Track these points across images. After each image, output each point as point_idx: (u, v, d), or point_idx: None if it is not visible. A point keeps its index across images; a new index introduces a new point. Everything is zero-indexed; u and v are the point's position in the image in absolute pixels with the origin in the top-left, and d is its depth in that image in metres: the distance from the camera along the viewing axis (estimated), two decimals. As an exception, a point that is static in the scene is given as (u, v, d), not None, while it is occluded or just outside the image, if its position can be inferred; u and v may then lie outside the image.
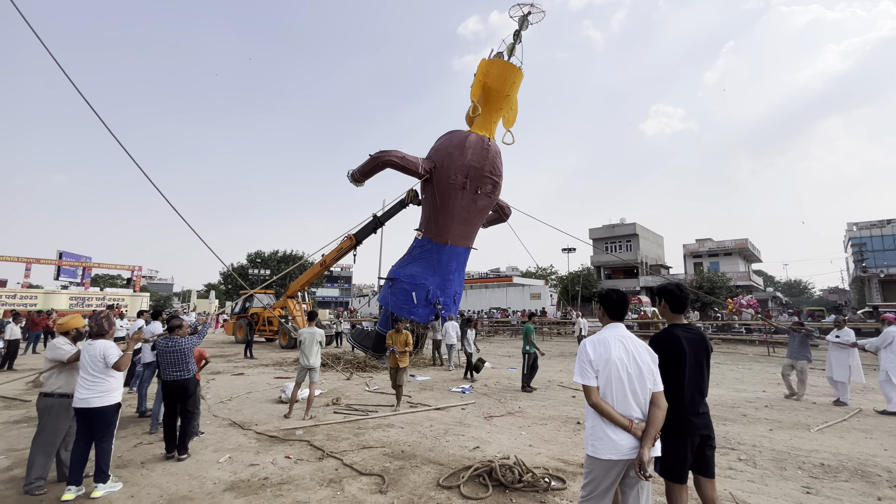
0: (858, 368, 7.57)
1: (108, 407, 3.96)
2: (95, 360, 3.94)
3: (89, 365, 3.93)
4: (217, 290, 55.50)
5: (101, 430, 3.95)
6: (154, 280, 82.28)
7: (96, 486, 3.86)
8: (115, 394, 4.02)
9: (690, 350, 2.69)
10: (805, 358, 8.05)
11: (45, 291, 30.98)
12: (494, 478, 4.01)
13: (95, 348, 3.98)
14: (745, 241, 43.95)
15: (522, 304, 39.55)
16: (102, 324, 4.10)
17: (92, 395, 3.88)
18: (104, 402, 3.92)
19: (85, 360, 3.96)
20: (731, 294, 34.10)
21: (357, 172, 14.02)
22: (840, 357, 7.67)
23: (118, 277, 53.26)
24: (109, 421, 3.98)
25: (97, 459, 3.91)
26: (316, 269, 16.93)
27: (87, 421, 3.92)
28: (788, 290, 69.93)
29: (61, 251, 33.83)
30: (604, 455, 2.35)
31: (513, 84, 13.02)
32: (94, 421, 3.92)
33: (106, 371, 3.96)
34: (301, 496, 3.82)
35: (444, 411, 7.06)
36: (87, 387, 3.89)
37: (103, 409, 3.92)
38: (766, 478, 4.28)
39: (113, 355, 4.00)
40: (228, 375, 10.62)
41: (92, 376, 3.91)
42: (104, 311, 4.35)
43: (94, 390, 3.90)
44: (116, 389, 4.05)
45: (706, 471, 2.71)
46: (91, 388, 3.89)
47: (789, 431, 5.91)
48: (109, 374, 3.98)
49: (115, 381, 4.04)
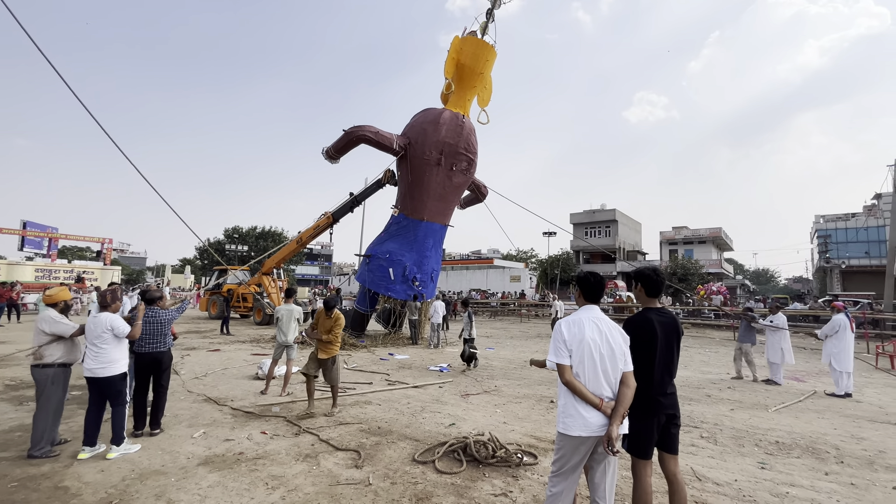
0: (789, 351, 8.29)
1: (115, 377, 4.19)
2: (101, 332, 4.15)
3: (95, 337, 4.14)
4: (193, 266, 54.17)
5: (113, 398, 4.19)
6: (126, 254, 79.56)
7: (111, 448, 4.11)
8: (119, 363, 4.23)
9: (662, 333, 2.77)
10: (750, 341, 8.75)
11: (8, 263, 29.57)
12: (469, 453, 4.11)
13: (101, 321, 4.17)
14: (719, 230, 45.32)
15: (503, 286, 40.01)
16: (107, 297, 4.34)
17: (97, 365, 4.11)
18: (110, 373, 4.15)
19: (91, 332, 4.16)
20: (702, 281, 35.30)
21: (332, 149, 13.81)
22: (773, 340, 8.35)
23: (87, 250, 51.29)
24: (118, 389, 4.22)
25: (113, 424, 4.16)
26: (292, 245, 16.75)
27: (96, 389, 4.17)
28: (756, 279, 72.78)
29: (25, 221, 32.27)
30: (574, 432, 2.42)
31: (486, 62, 13.10)
32: (102, 390, 4.16)
33: (111, 342, 4.17)
34: (276, 470, 3.84)
35: (421, 389, 7.16)
36: (93, 357, 4.12)
37: (109, 378, 4.15)
38: (725, 454, 4.52)
39: (121, 327, 4.23)
40: (204, 351, 10.48)
41: (98, 348, 4.13)
42: (112, 286, 4.70)
43: (100, 360, 4.12)
44: (121, 360, 4.26)
45: (670, 447, 2.83)
46: (96, 358, 4.12)
47: (749, 411, 6.23)
48: (113, 344, 4.19)
49: (118, 351, 4.25)
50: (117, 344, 4.22)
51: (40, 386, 4.20)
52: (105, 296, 4.35)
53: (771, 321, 8.55)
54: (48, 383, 4.18)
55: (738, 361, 8.81)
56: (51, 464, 3.91)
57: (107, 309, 4.30)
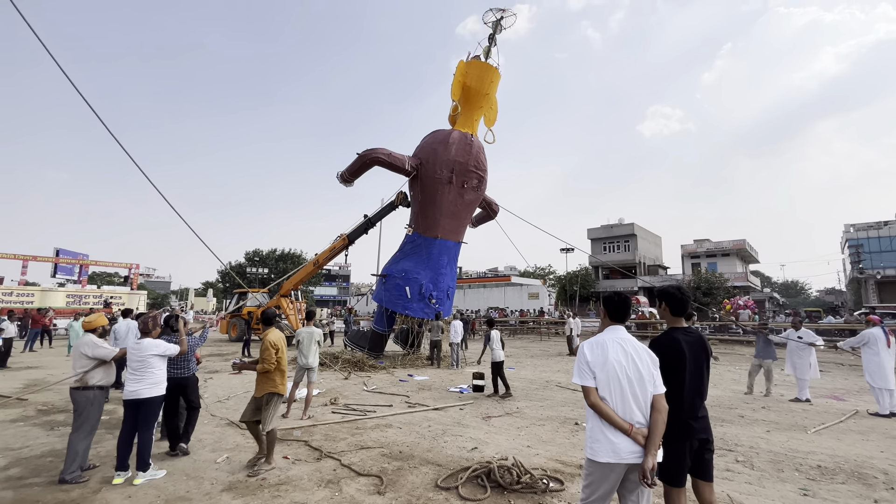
0: (815, 367, 8.13)
1: (155, 398, 4.38)
2: (143, 356, 4.35)
3: (138, 360, 4.34)
4: (215, 289, 55.34)
5: (144, 421, 4.29)
6: (151, 278, 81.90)
7: (138, 474, 4.17)
8: (160, 386, 4.43)
9: (690, 353, 2.69)
10: (771, 357, 8.62)
11: (42, 289, 30.78)
12: (493, 479, 4.01)
13: (145, 345, 4.40)
14: (743, 242, 44.08)
15: (520, 304, 39.55)
16: (148, 324, 4.55)
17: (141, 386, 4.29)
18: (152, 394, 4.33)
19: (134, 356, 4.36)
20: (728, 294, 34.22)
21: (346, 172, 14.24)
22: (803, 356, 8.18)
23: (115, 275, 52.95)
24: (154, 411, 4.39)
25: (139, 449, 4.23)
26: (309, 267, 17.03)
27: (133, 411, 4.29)
28: (785, 291, 70.21)
29: (58, 248, 33.63)
30: (602, 458, 2.34)
31: (491, 83, 13.68)
32: (138, 411, 4.28)
33: (155, 365, 4.39)
34: (299, 497, 3.81)
35: (442, 411, 7.06)
36: (136, 380, 4.31)
37: (150, 399, 4.33)
38: (763, 479, 4.30)
39: (170, 347, 4.53)
40: (226, 374, 10.59)
41: (141, 371, 4.33)
42: (152, 312, 4.93)
43: (144, 382, 4.31)
44: (162, 382, 4.46)
45: (704, 474, 2.71)
46: (140, 380, 4.31)
47: (786, 433, 5.93)
48: (157, 367, 4.41)
49: (161, 373, 4.47)
50: (160, 366, 4.45)
51: (79, 408, 4.37)
52: (147, 322, 4.58)
53: (800, 337, 8.34)
54: (88, 405, 4.38)
55: (752, 377, 8.76)
56: (80, 489, 3.97)
57: (148, 335, 4.52)
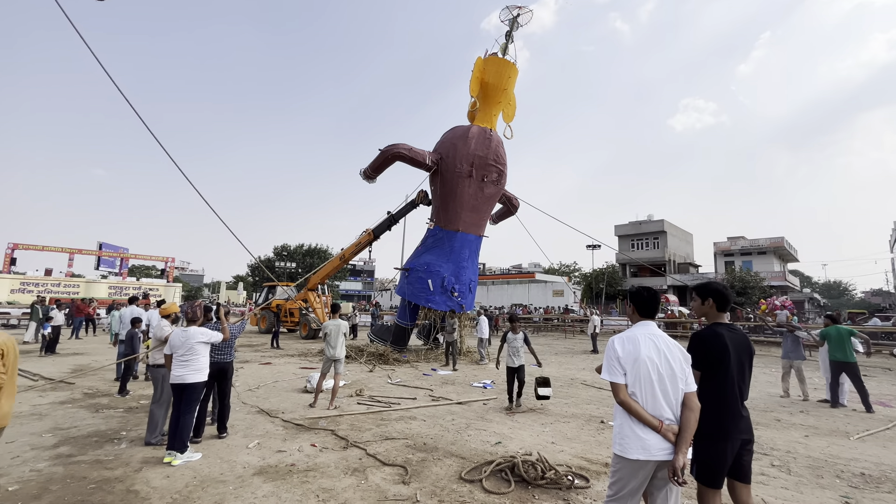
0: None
1: (198, 384, 4.60)
2: (189, 342, 4.59)
3: (185, 347, 4.58)
4: (245, 282, 57.13)
5: (186, 404, 4.51)
6: (186, 271, 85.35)
7: (176, 455, 4.35)
8: (203, 372, 4.68)
9: (734, 350, 2.60)
10: (799, 357, 8.30)
11: (86, 280, 32.60)
12: (517, 473, 4.00)
13: (191, 333, 4.64)
14: (781, 240, 42.11)
15: (545, 301, 39.11)
16: (196, 312, 4.83)
17: (186, 371, 4.54)
18: (195, 379, 4.57)
19: (179, 343, 4.60)
20: (764, 294, 32.83)
21: (369, 169, 14.56)
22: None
23: (153, 268, 55.50)
24: (195, 397, 4.60)
25: (179, 431, 4.44)
26: (335, 262, 17.38)
27: (180, 395, 4.55)
28: (827, 292, 66.73)
29: (101, 242, 35.49)
30: (632, 455, 2.29)
31: (508, 78, 13.89)
32: (182, 395, 4.52)
33: (199, 352, 4.63)
34: (326, 483, 3.91)
35: (465, 406, 7.08)
36: (182, 365, 4.55)
37: (194, 384, 4.56)
38: (801, 485, 4.12)
39: (215, 334, 4.79)
40: (256, 364, 10.95)
41: (186, 357, 4.56)
42: (198, 301, 5.19)
43: (189, 368, 4.55)
44: (205, 368, 4.70)
45: (742, 476, 2.61)
46: (185, 366, 4.55)
47: (826, 438, 5.66)
48: (201, 354, 4.65)
49: (204, 360, 4.71)
50: (204, 353, 4.70)
51: (157, 382, 4.99)
52: (195, 310, 4.86)
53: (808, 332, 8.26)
54: (160, 380, 4.95)
55: (786, 379, 8.44)
56: (123, 468, 4.19)
57: (194, 323, 4.78)
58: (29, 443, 4.83)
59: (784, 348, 8.62)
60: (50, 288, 29.25)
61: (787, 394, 8.35)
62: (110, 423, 5.64)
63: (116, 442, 4.92)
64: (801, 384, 8.21)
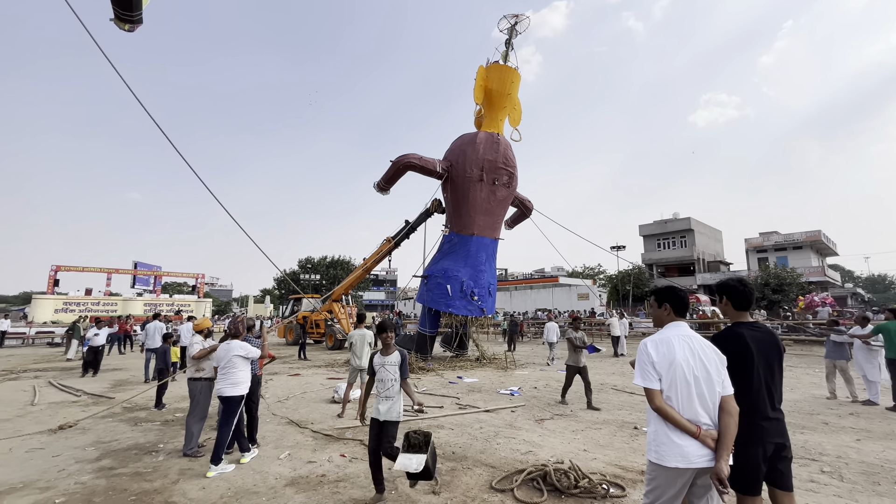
0: (884, 368, 7.44)
1: (235, 397, 4.63)
2: (228, 355, 4.69)
3: (227, 361, 4.68)
4: (272, 296, 58.40)
5: (224, 417, 4.60)
6: (215, 287, 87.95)
7: (211, 467, 4.42)
8: (243, 385, 4.71)
9: (758, 349, 2.47)
10: (843, 357, 7.96)
11: (123, 298, 34.03)
12: (549, 482, 3.91)
13: (233, 347, 4.74)
14: (818, 233, 40.21)
15: (569, 305, 38.48)
16: (238, 327, 4.90)
17: (224, 385, 4.64)
18: (232, 392, 4.62)
19: (222, 357, 4.72)
20: (802, 291, 31.35)
21: (382, 181, 14.89)
22: (869, 356, 7.56)
23: (184, 284, 57.44)
24: (233, 410, 4.63)
25: (215, 443, 4.52)
26: (358, 272, 17.61)
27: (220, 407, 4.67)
28: (871, 286, 63.24)
29: (136, 261, 37.04)
30: (670, 462, 2.19)
31: (511, 83, 14.18)
32: (224, 408, 4.61)
33: (239, 365, 4.69)
34: (357, 494, 3.91)
35: (493, 413, 6.99)
36: (221, 378, 4.67)
37: (231, 397, 4.61)
38: (855, 493, 3.87)
39: (250, 350, 4.81)
40: (285, 376, 11.12)
41: (225, 370, 4.67)
42: (240, 317, 5.25)
43: (226, 381, 4.64)
44: (244, 382, 4.74)
45: (782, 483, 2.46)
46: (223, 379, 4.65)
47: (881, 442, 5.32)
48: (241, 367, 4.71)
49: (244, 374, 4.74)
50: (244, 367, 4.75)
51: (193, 395, 5.09)
52: (237, 326, 4.95)
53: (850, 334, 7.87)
54: (198, 393, 5.08)
55: (830, 380, 8.09)
56: (161, 480, 4.30)
57: (236, 338, 4.87)
58: (74, 456, 5.02)
59: (827, 347, 8.25)
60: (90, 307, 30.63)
61: (834, 395, 7.94)
62: (148, 437, 5.82)
63: (155, 454, 5.07)
64: (847, 385, 7.82)
